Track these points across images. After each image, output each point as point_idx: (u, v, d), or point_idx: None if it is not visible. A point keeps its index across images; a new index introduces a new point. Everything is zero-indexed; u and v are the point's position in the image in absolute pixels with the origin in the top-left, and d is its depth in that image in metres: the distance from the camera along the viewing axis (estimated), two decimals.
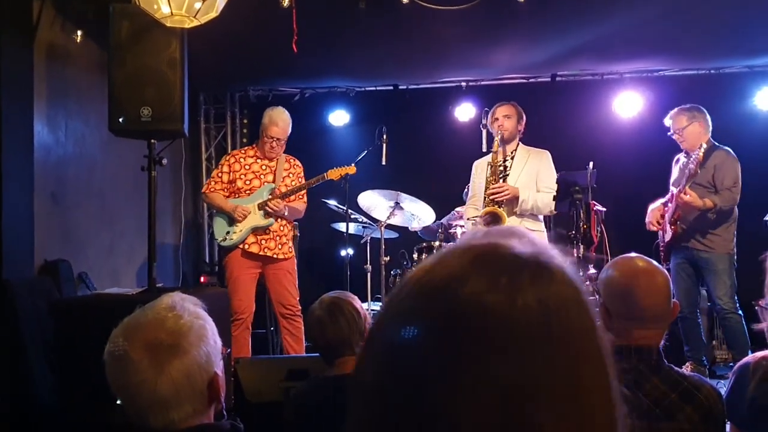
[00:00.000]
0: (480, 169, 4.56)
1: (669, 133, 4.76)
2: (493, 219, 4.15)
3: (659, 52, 5.74)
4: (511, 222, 4.22)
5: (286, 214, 4.62)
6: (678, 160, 4.88)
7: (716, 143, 4.60)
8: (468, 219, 4.72)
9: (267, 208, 4.54)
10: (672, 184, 4.82)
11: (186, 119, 3.44)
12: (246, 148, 4.92)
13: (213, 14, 3.18)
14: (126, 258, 5.35)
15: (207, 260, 6.90)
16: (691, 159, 4.34)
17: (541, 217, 4.39)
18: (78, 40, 4.54)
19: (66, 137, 4.61)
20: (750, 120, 5.94)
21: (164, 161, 3.50)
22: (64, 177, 4.59)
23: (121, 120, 3.35)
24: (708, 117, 4.66)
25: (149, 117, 3.33)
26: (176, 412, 1.31)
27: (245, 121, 7.02)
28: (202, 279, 6.47)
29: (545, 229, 4.47)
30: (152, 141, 3.45)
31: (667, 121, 4.76)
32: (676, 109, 4.73)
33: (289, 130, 4.69)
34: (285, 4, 4.07)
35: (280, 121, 4.64)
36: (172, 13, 3.04)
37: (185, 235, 6.51)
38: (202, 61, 4.60)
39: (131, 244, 5.32)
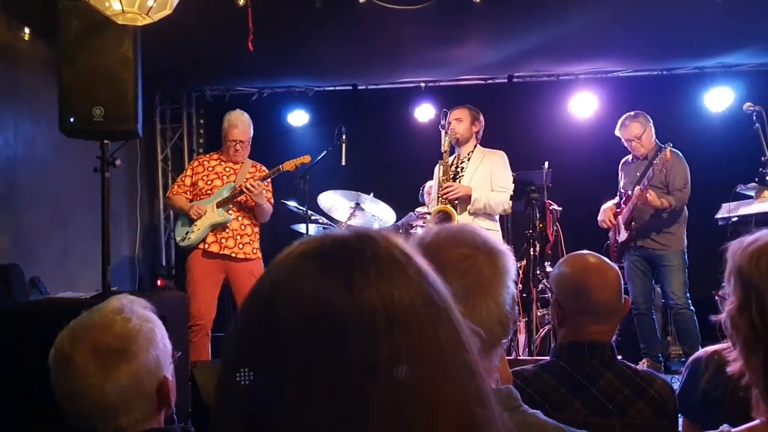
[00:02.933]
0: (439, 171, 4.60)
1: (624, 142, 4.85)
2: (444, 217, 4.18)
3: (612, 54, 5.85)
4: (463, 220, 4.26)
5: (263, 205, 4.58)
6: (626, 164, 4.99)
7: (660, 144, 4.74)
8: (419, 216, 4.76)
9: (244, 186, 4.48)
10: (622, 188, 4.92)
11: (140, 119, 3.37)
12: (212, 153, 4.89)
13: (167, 11, 3.12)
14: (81, 262, 5.23)
15: (164, 263, 6.79)
16: (658, 159, 4.44)
17: (496, 217, 4.43)
18: (26, 38, 4.42)
19: (15, 139, 4.49)
20: (699, 120, 6.09)
21: (118, 162, 3.42)
22: (13, 179, 4.47)
23: (72, 120, 3.27)
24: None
25: (101, 117, 3.26)
26: (124, 417, 1.28)
27: (202, 121, 6.93)
28: (159, 282, 6.36)
29: (500, 229, 4.51)
30: (105, 141, 3.38)
31: (619, 132, 4.85)
32: (625, 119, 4.82)
33: (251, 131, 4.71)
34: (240, 3, 4.02)
35: (239, 123, 4.64)
36: (123, 10, 2.97)
37: (142, 237, 6.40)
38: (157, 61, 4.53)
39: (86, 248, 5.20)
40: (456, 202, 4.34)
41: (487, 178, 4.37)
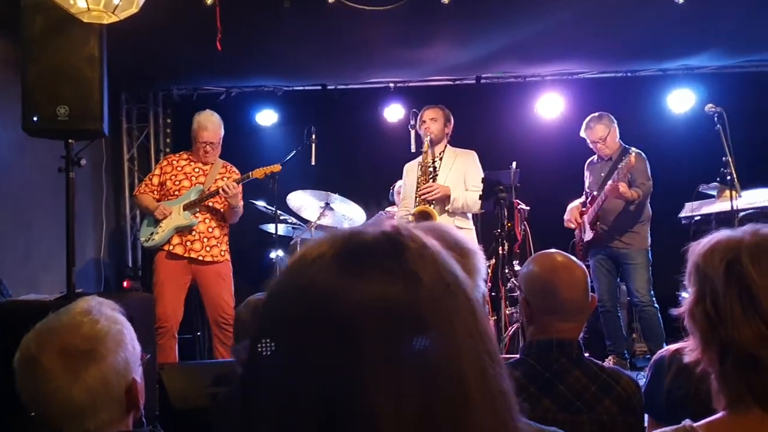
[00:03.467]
0: (410, 171, 4.62)
1: (589, 143, 4.93)
2: (423, 218, 4.20)
3: (578, 55, 5.92)
4: (442, 220, 4.29)
5: (237, 206, 4.53)
6: (591, 164, 5.07)
7: (624, 145, 4.84)
8: (400, 218, 4.77)
9: (220, 188, 4.43)
10: (588, 188, 5.00)
11: (106, 118, 3.32)
12: (182, 152, 4.82)
13: (133, 10, 3.08)
14: (45, 264, 5.12)
15: (130, 264, 6.69)
16: (623, 164, 4.53)
17: (469, 216, 4.48)
18: None
19: None
20: (663, 120, 6.19)
21: (83, 162, 3.36)
22: None
23: (35, 119, 3.21)
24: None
25: (66, 116, 3.20)
26: (92, 420, 1.26)
27: (169, 120, 6.83)
28: (125, 284, 6.27)
29: (473, 227, 4.55)
30: (70, 141, 3.32)
31: (584, 133, 4.93)
32: (590, 121, 4.90)
33: (221, 132, 4.67)
34: (208, 1, 3.99)
35: (209, 124, 4.59)
36: (88, 8, 2.93)
37: (107, 238, 6.30)
38: (124, 59, 4.46)
39: (50, 249, 5.09)
40: (434, 202, 4.38)
41: (461, 178, 4.42)
